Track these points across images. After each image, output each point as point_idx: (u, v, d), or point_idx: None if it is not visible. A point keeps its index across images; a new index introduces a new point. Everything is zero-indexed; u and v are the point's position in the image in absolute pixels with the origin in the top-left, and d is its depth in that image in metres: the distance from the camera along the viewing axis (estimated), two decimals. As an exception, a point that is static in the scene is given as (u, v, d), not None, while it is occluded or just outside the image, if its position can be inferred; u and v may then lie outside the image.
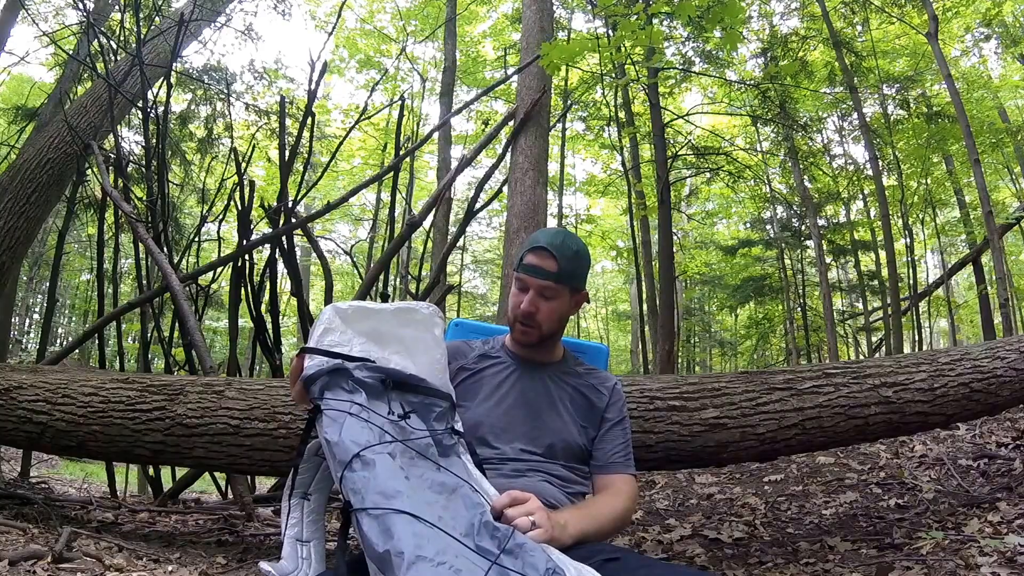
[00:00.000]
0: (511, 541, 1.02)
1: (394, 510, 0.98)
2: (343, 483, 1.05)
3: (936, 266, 15.03)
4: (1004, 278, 7.03)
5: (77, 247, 12.17)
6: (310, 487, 1.31)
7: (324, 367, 1.23)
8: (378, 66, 12.90)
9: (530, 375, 1.55)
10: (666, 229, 7.77)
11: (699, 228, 16.10)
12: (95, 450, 2.46)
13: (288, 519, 1.28)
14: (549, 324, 1.52)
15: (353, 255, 8.62)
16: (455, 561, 0.93)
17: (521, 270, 1.50)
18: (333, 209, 6.24)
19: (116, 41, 6.11)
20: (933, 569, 1.85)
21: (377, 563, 0.93)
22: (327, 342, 1.28)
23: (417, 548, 0.92)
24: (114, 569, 1.93)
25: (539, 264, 1.48)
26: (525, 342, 1.55)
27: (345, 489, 1.05)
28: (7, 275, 5.17)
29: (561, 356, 1.63)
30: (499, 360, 1.58)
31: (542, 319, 1.50)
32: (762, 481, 3.52)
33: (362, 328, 1.32)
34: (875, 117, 10.00)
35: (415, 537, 0.94)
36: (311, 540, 1.26)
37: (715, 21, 3.79)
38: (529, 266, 1.49)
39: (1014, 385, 2.30)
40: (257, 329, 4.37)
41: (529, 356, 1.58)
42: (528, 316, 1.49)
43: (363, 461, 1.07)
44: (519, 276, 1.51)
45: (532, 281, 1.48)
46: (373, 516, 0.98)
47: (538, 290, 1.48)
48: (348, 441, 1.10)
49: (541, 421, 1.49)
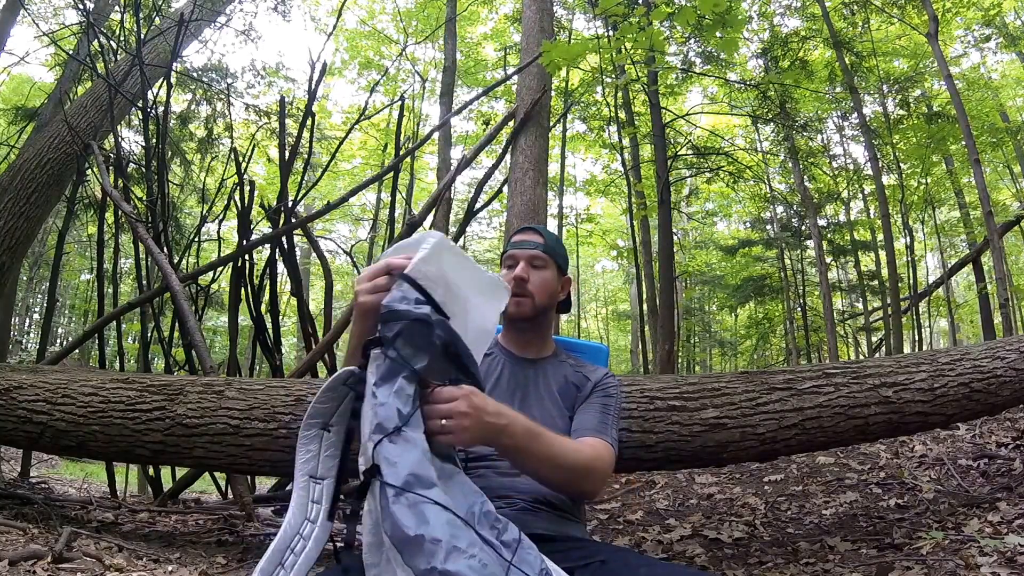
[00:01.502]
0: (508, 534, 1.01)
1: (432, 500, 0.93)
2: (378, 449, 0.97)
3: (936, 266, 15.04)
4: (1004, 278, 7.03)
5: (77, 247, 12.18)
6: (332, 418, 1.15)
7: (412, 311, 1.06)
8: (379, 67, 12.91)
9: (523, 370, 1.55)
10: (666, 229, 7.77)
11: (699, 228, 16.11)
12: (95, 450, 2.46)
13: (302, 453, 1.13)
14: (540, 295, 1.53)
15: (353, 255, 8.62)
16: (480, 554, 0.91)
17: (509, 247, 1.57)
18: (333, 209, 6.25)
19: (116, 41, 6.11)
20: (933, 569, 1.84)
21: (402, 545, 0.89)
22: (425, 273, 1.11)
23: (453, 538, 0.90)
24: (114, 569, 1.93)
25: (526, 238, 1.56)
26: (519, 314, 1.52)
27: (379, 456, 0.97)
28: (7, 275, 5.17)
29: (553, 351, 1.63)
30: (492, 356, 1.58)
31: (534, 289, 1.52)
32: (762, 481, 3.52)
33: (452, 277, 1.16)
34: (875, 116, 10.00)
35: (449, 526, 0.91)
36: (325, 478, 1.13)
37: (716, 26, 3.79)
38: (517, 242, 1.56)
39: (1014, 385, 2.30)
40: (257, 329, 4.38)
41: (522, 352, 1.58)
42: (520, 283, 1.50)
43: (404, 437, 0.99)
44: (509, 255, 1.56)
45: (521, 252, 1.54)
46: (405, 495, 0.93)
47: (528, 260, 1.53)
48: (395, 407, 1.00)
49: (532, 417, 1.48)
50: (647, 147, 10.30)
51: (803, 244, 11.76)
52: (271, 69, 10.48)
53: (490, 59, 12.92)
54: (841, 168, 11.43)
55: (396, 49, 12.44)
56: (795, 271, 12.07)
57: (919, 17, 8.28)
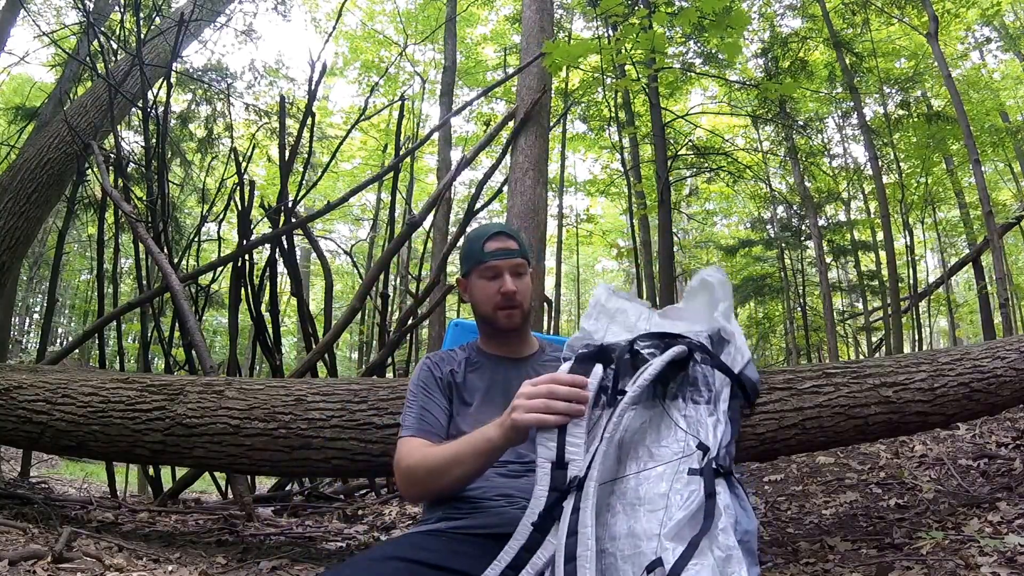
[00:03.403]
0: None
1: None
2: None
3: (936, 266, 15.04)
4: (1004, 278, 7.03)
5: (77, 247, 12.18)
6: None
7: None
8: (379, 70, 12.92)
9: (516, 371, 1.53)
10: (666, 229, 7.76)
11: (699, 228, 16.11)
12: (95, 450, 2.46)
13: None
14: (527, 302, 1.52)
15: (353, 255, 8.63)
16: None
17: (488, 259, 1.48)
18: (333, 209, 6.25)
19: (116, 41, 6.12)
20: (933, 569, 1.84)
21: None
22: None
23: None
24: (114, 569, 1.93)
25: (503, 246, 1.49)
26: (511, 326, 1.51)
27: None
28: (7, 275, 5.17)
29: (538, 347, 1.61)
30: (478, 365, 1.55)
31: (521, 298, 1.50)
32: (762, 481, 3.52)
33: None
34: (875, 116, 10.01)
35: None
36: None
37: (718, 27, 3.79)
38: (494, 252, 1.48)
39: (1014, 385, 2.29)
40: (257, 329, 4.38)
41: (507, 353, 1.56)
42: (511, 296, 1.47)
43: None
44: (487, 265, 1.49)
45: (504, 263, 1.48)
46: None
47: (512, 270, 1.48)
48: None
49: None
50: (647, 147, 10.30)
51: (803, 244, 11.75)
52: (271, 69, 10.49)
53: (490, 60, 12.93)
54: (841, 168, 11.43)
55: (396, 50, 12.44)
56: (795, 271, 12.07)
57: (919, 18, 8.28)
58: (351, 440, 2.25)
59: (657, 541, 0.96)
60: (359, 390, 2.35)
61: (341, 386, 2.39)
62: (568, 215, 14.08)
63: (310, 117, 4.89)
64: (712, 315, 1.35)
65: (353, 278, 16.06)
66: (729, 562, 0.95)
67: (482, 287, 1.50)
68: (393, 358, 5.28)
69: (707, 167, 10.26)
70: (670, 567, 0.93)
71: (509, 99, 10.17)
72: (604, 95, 9.76)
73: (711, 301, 1.39)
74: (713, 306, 1.37)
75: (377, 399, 2.29)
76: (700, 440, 1.09)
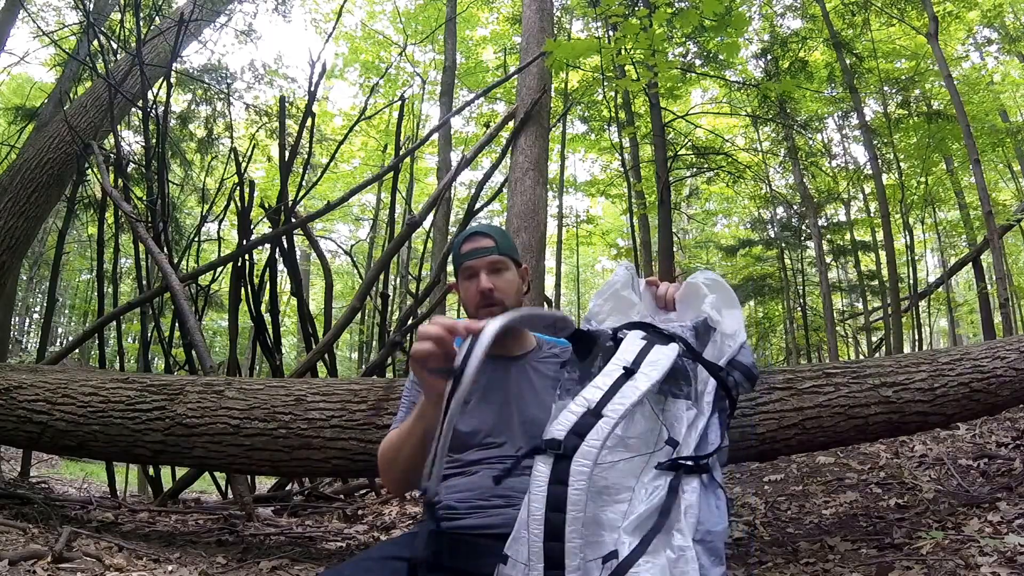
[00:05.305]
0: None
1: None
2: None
3: (936, 266, 15.04)
4: (1004, 278, 7.02)
5: (77, 247, 12.18)
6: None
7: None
8: (379, 71, 12.92)
9: (508, 370, 1.52)
10: (666, 229, 7.76)
11: (699, 228, 16.11)
12: (95, 450, 2.46)
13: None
14: (509, 298, 1.50)
15: (353, 255, 8.63)
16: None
17: (463, 260, 1.50)
18: (333, 209, 6.25)
19: (116, 41, 6.12)
20: (933, 569, 1.84)
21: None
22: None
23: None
24: (114, 569, 1.93)
25: (476, 246, 1.49)
26: None
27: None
28: (7, 275, 5.17)
29: (535, 344, 1.60)
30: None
31: (502, 295, 1.48)
32: (762, 481, 3.52)
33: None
34: (876, 116, 10.00)
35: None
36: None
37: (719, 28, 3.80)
38: (468, 253, 1.49)
39: (1014, 385, 2.30)
40: (257, 329, 4.38)
41: (501, 352, 1.54)
42: (487, 293, 1.46)
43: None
44: (464, 266, 1.50)
45: (479, 262, 1.48)
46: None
47: (487, 267, 1.48)
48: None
49: (530, 414, 1.46)
50: (647, 147, 10.30)
51: (803, 244, 11.74)
52: (271, 69, 10.48)
53: (490, 61, 12.93)
54: (841, 168, 11.43)
55: (396, 51, 12.45)
56: (795, 271, 12.07)
57: (919, 19, 8.28)
58: (351, 440, 2.25)
59: (618, 533, 0.96)
60: (359, 390, 2.35)
61: (341, 386, 2.39)
62: (568, 215, 14.09)
63: (310, 117, 4.89)
64: (700, 306, 1.35)
65: (353, 278, 16.05)
66: (681, 562, 0.94)
67: (464, 288, 1.52)
68: (393, 358, 5.28)
69: (707, 167, 10.25)
70: (620, 561, 0.93)
71: (509, 99, 10.17)
72: (604, 95, 9.75)
73: (700, 295, 1.39)
74: (701, 299, 1.37)
75: (377, 399, 2.29)
76: (671, 435, 1.08)
